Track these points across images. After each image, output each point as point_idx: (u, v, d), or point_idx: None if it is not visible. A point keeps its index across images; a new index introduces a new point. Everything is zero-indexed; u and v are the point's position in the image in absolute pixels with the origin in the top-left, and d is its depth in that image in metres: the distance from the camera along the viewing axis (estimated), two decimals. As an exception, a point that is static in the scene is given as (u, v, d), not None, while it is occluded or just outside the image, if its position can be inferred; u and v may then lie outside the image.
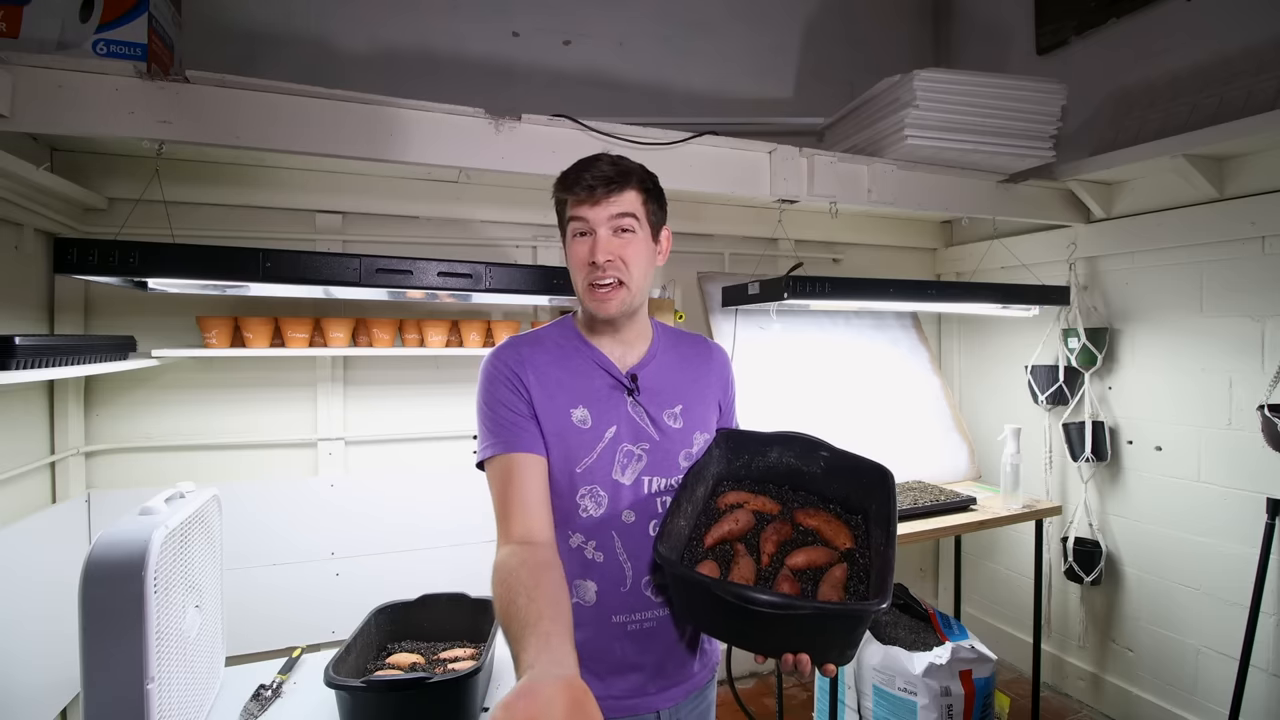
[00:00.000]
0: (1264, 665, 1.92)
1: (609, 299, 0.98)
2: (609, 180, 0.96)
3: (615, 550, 0.97)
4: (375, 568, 2.06)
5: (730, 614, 0.84)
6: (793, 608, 0.79)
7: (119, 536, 1.03)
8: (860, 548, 0.96)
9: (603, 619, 0.98)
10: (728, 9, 2.72)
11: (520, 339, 1.04)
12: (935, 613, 2.09)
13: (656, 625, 0.99)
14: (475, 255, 2.21)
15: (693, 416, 1.06)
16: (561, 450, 0.96)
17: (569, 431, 0.97)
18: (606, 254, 0.96)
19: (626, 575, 0.98)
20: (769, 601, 0.79)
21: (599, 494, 0.97)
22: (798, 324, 2.61)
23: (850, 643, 0.85)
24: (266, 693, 1.38)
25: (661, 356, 1.08)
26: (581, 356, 1.03)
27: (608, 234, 0.97)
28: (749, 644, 0.90)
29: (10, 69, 1.32)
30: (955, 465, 2.60)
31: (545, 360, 1.01)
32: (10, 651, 1.41)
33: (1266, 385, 1.87)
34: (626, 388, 1.02)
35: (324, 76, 1.77)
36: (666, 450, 1.02)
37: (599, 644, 0.98)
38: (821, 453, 1.07)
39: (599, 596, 0.98)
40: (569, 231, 1.00)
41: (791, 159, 2.07)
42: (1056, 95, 2.23)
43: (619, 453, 0.99)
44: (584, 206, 0.96)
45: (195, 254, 1.49)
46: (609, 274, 0.97)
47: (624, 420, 1.00)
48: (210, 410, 1.97)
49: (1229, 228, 2.01)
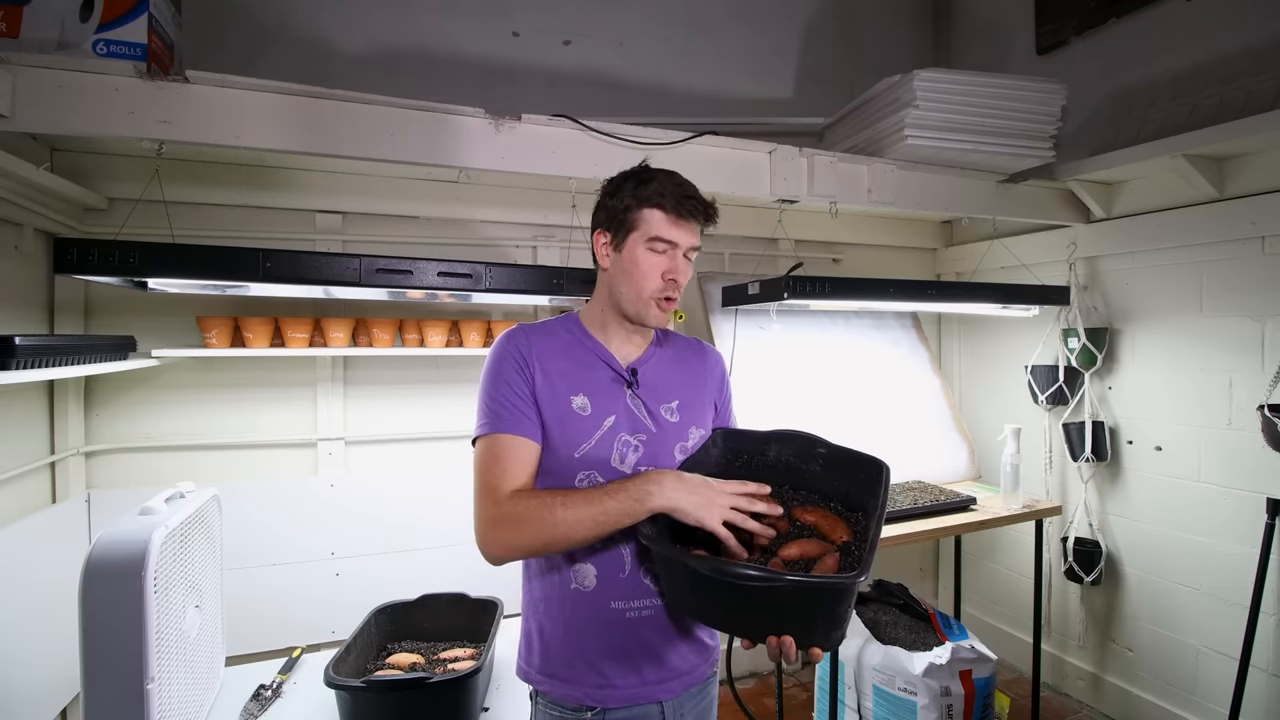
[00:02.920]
0: (1264, 665, 1.92)
1: (667, 311, 1.06)
2: (708, 216, 1.05)
3: (614, 535, 0.97)
4: (375, 568, 2.06)
5: (711, 591, 0.84)
6: (770, 579, 0.79)
7: (119, 536, 1.03)
8: (857, 542, 0.96)
9: (602, 604, 0.99)
10: (727, 9, 2.72)
11: (530, 326, 1.08)
12: (935, 613, 2.09)
13: (654, 613, 1.01)
14: (475, 255, 2.21)
15: (689, 412, 1.09)
16: (560, 434, 0.99)
17: (569, 417, 1.00)
18: (684, 272, 1.04)
19: (625, 561, 1.00)
20: (745, 575, 0.80)
21: (597, 479, 0.99)
22: (798, 324, 2.61)
23: (834, 622, 0.84)
24: (266, 693, 1.38)
25: (660, 355, 1.12)
26: (585, 349, 1.07)
27: (682, 256, 1.04)
28: (732, 625, 0.90)
29: (10, 69, 1.32)
30: (955, 465, 2.60)
31: (552, 348, 1.04)
32: (10, 651, 1.41)
33: (1266, 385, 1.87)
34: (626, 380, 1.05)
35: (324, 76, 1.77)
36: (662, 443, 1.04)
37: (599, 630, 0.99)
38: (819, 449, 1.08)
39: (598, 581, 0.99)
40: (646, 244, 1.03)
41: (791, 159, 2.07)
42: (1056, 95, 2.23)
43: (617, 442, 1.01)
44: (678, 229, 1.02)
45: (195, 254, 1.49)
46: (677, 291, 1.04)
47: (622, 411, 1.03)
48: (210, 410, 1.97)
49: (1229, 228, 2.01)
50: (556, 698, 1.01)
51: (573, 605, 1.00)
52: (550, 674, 1.01)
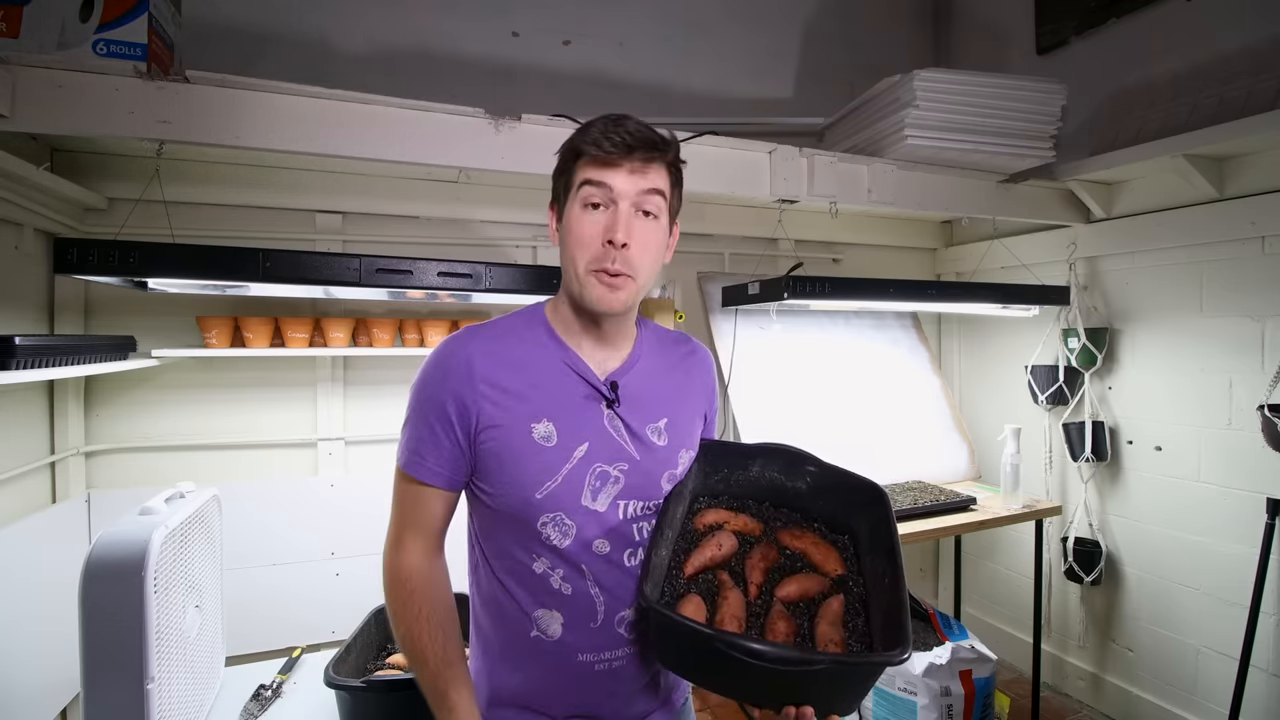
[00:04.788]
0: (1264, 665, 1.92)
1: (619, 290, 0.81)
2: (650, 145, 0.80)
3: (586, 583, 0.84)
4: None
5: (731, 668, 0.74)
6: (808, 663, 0.71)
7: (119, 536, 1.03)
8: (852, 573, 0.89)
9: (567, 658, 0.84)
10: (727, 10, 2.72)
11: (480, 331, 0.87)
12: (935, 613, 2.09)
13: (626, 663, 0.86)
14: (475, 255, 2.20)
15: (678, 432, 0.92)
16: (514, 474, 0.82)
17: (527, 452, 0.82)
18: (627, 234, 0.80)
19: (598, 610, 0.85)
20: (782, 657, 0.71)
21: (564, 522, 0.83)
22: (798, 324, 2.61)
23: (862, 692, 0.79)
24: (266, 693, 1.38)
25: (645, 361, 0.92)
26: (551, 358, 0.86)
27: (630, 211, 0.81)
28: (747, 696, 0.81)
29: (10, 69, 1.32)
30: (955, 465, 2.60)
31: (506, 362, 0.84)
32: (10, 651, 1.41)
33: (1266, 385, 1.87)
34: (605, 398, 0.86)
35: (324, 76, 1.77)
36: (647, 471, 0.88)
37: (558, 683, 0.85)
38: (808, 467, 0.98)
39: (565, 630, 0.84)
40: (577, 199, 0.81)
41: (791, 159, 2.07)
42: (1056, 95, 2.23)
43: (590, 474, 0.84)
44: (609, 170, 0.79)
45: (195, 254, 1.49)
46: (621, 263, 0.80)
47: (597, 436, 0.85)
48: (210, 410, 1.97)
49: (1229, 228, 2.01)
50: None
51: (531, 655, 0.85)
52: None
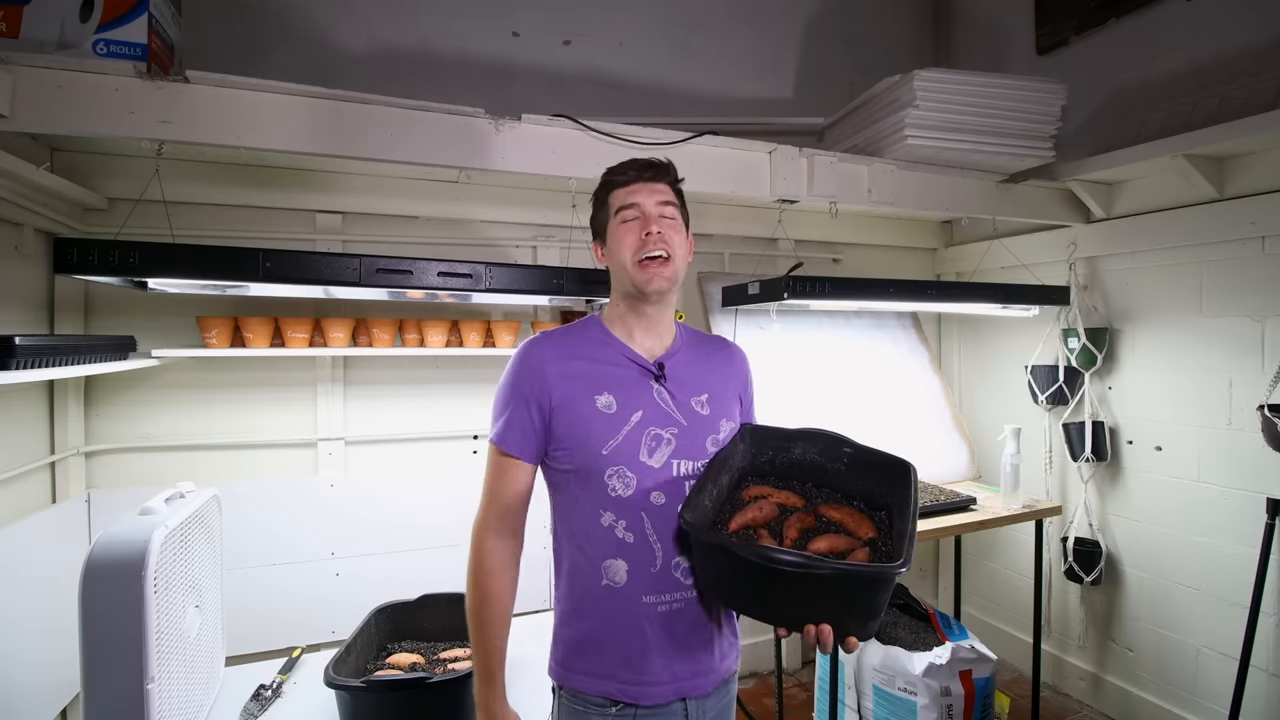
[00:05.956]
0: (1264, 665, 1.92)
1: (661, 272, 1.03)
2: (656, 165, 1.08)
3: (645, 530, 1.00)
4: (375, 568, 2.06)
5: (751, 577, 0.85)
6: (814, 567, 0.80)
7: (119, 536, 1.03)
8: (883, 538, 0.98)
9: (633, 599, 1.00)
10: (727, 9, 2.72)
11: (552, 333, 1.11)
12: (935, 613, 2.09)
13: (685, 606, 1.02)
14: (475, 255, 2.20)
15: (719, 405, 1.10)
16: (585, 434, 1.00)
17: (593, 418, 1.01)
18: (658, 224, 1.03)
19: (656, 555, 1.00)
20: (790, 560, 0.80)
21: (626, 475, 1.00)
22: (798, 324, 2.61)
23: (872, 611, 0.85)
24: (266, 693, 1.38)
25: (685, 350, 1.13)
26: (607, 348, 1.08)
27: (655, 213, 1.05)
28: (770, 612, 0.90)
29: (10, 69, 1.32)
30: (955, 465, 2.60)
31: (572, 352, 1.06)
32: (10, 651, 1.41)
33: (1266, 385, 1.87)
34: (654, 374, 1.06)
35: (324, 77, 1.77)
36: (694, 435, 1.05)
37: (629, 624, 1.00)
38: (845, 449, 1.10)
39: (629, 576, 1.00)
40: (617, 219, 1.06)
41: (791, 159, 2.07)
42: (1056, 95, 2.23)
43: (646, 436, 1.02)
44: (634, 193, 1.05)
45: (195, 254, 1.49)
46: (659, 246, 1.02)
47: (650, 405, 1.04)
48: (210, 410, 1.97)
49: (1229, 228, 2.01)
50: (586, 692, 1.01)
51: (604, 601, 1.01)
52: (583, 670, 1.02)
